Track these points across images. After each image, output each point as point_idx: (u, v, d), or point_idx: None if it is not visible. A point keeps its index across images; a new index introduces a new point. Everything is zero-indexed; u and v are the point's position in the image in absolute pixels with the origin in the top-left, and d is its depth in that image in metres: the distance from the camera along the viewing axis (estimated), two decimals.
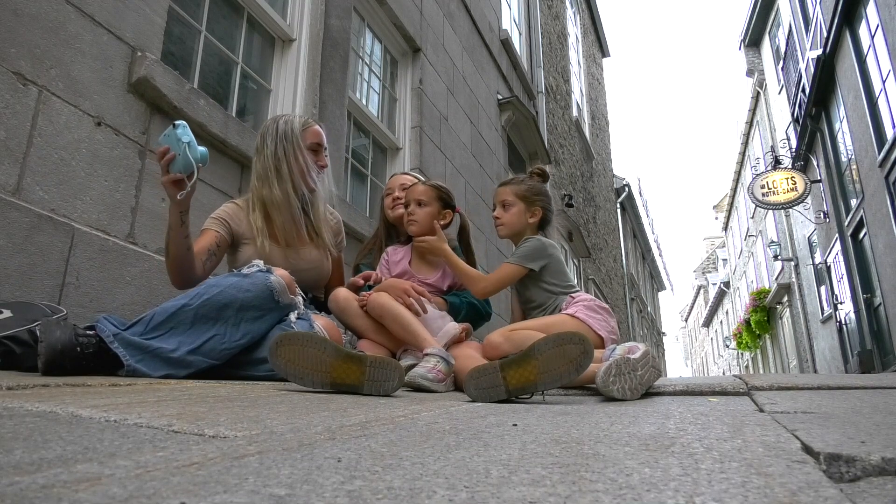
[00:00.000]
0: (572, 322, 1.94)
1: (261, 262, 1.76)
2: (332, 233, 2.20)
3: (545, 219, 2.22)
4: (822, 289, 11.72)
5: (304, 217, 2.07)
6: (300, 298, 1.81)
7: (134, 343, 1.47)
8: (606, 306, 2.06)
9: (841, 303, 10.26)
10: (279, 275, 1.72)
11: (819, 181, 10.30)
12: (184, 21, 2.65)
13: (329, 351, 1.37)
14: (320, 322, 1.87)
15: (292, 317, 1.83)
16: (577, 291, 2.11)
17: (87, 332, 1.44)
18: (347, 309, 2.03)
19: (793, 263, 14.16)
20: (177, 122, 1.61)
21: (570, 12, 12.38)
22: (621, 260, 16.50)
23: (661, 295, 29.35)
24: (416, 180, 2.44)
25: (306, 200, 2.08)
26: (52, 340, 1.35)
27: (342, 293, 2.06)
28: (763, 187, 10.63)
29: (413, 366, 1.73)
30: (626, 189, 17.23)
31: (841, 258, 9.62)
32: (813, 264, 12.32)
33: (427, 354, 1.77)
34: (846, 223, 9.12)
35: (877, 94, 7.33)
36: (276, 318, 1.72)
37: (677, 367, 60.40)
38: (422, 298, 2.02)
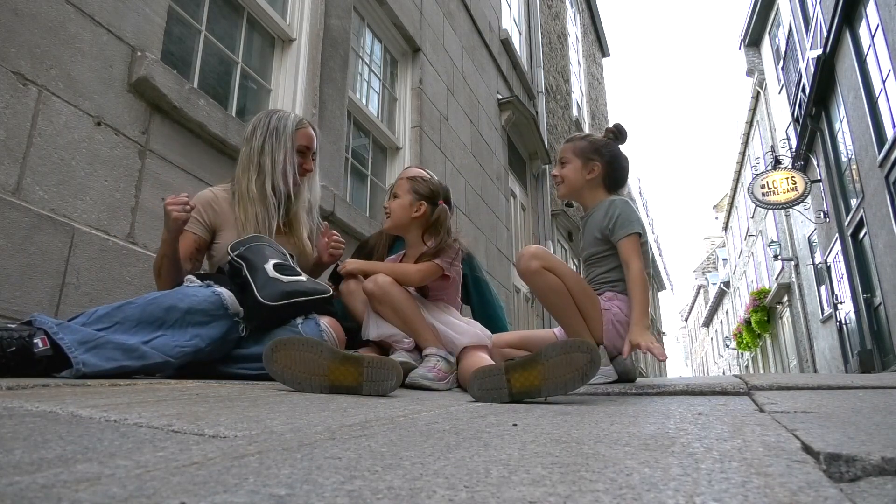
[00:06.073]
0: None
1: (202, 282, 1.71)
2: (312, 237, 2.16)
3: (609, 177, 2.01)
4: (822, 289, 11.72)
5: (277, 214, 2.01)
6: None
7: (80, 333, 1.34)
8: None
9: (841, 303, 10.26)
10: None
11: (819, 181, 10.30)
12: (184, 21, 2.65)
13: (325, 354, 1.36)
14: (325, 321, 1.83)
15: (298, 318, 1.78)
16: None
17: (10, 327, 1.31)
18: (355, 292, 2.00)
19: (793, 263, 14.16)
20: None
21: (570, 12, 12.37)
22: None
23: (661, 295, 29.33)
24: (424, 175, 2.41)
25: (284, 199, 2.04)
26: None
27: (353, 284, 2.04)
28: (763, 187, 10.63)
29: (408, 364, 1.73)
30: (627, 189, 17.23)
31: (841, 258, 9.62)
32: (813, 264, 12.31)
33: (428, 355, 1.78)
34: (846, 223, 9.12)
35: (877, 94, 7.32)
36: (226, 325, 1.65)
37: (677, 367, 60.32)
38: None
